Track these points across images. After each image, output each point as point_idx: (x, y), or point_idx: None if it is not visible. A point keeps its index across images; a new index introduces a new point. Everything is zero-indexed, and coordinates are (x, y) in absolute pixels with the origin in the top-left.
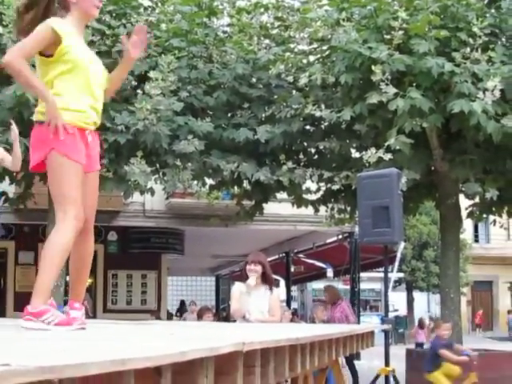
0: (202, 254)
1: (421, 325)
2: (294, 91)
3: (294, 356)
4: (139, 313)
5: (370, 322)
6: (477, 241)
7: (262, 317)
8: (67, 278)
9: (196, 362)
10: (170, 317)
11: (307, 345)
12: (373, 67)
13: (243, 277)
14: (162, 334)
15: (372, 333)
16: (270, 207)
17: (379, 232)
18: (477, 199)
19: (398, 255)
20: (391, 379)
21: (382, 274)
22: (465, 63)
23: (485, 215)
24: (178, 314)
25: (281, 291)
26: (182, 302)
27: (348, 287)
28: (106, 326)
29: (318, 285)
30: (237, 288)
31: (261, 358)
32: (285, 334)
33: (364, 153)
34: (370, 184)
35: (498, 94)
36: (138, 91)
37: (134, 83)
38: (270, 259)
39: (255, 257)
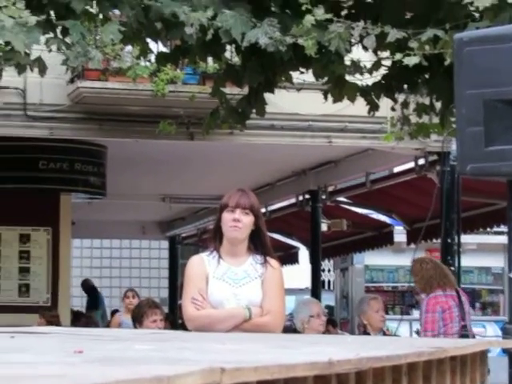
0: (143, 194)
1: None
2: None
3: None
4: (15, 311)
5: (481, 333)
6: None
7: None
8: None
9: None
10: (77, 318)
11: (349, 377)
12: None
13: (213, 240)
14: (58, 351)
15: (483, 355)
16: (277, 101)
17: (499, 153)
18: None
19: None
20: None
21: (504, 239)
22: None
23: None
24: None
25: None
26: (92, 289)
27: None
28: None
29: (378, 258)
30: (197, 263)
31: None
32: (304, 353)
33: None
34: (481, 54)
35: None
36: None
37: None
38: (277, 206)
39: (241, 198)
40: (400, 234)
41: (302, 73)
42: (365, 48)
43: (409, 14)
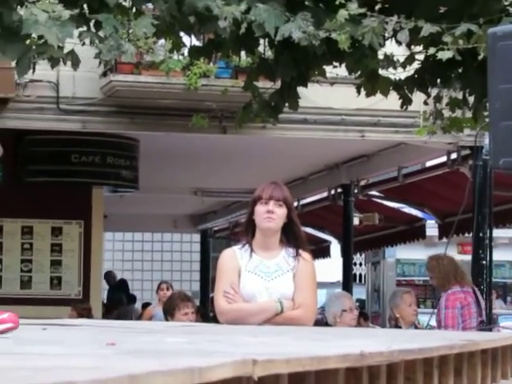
0: (175, 187)
1: None
2: None
3: None
4: (46, 304)
5: None
6: None
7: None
8: None
9: None
10: (109, 311)
11: (381, 369)
12: None
13: (245, 233)
14: (90, 343)
15: None
16: (310, 95)
17: None
18: None
19: None
20: None
21: None
22: None
23: None
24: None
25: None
26: (120, 282)
27: (469, 258)
28: None
29: (410, 252)
30: (229, 257)
31: None
32: (335, 346)
33: None
34: None
35: None
36: None
37: None
38: (309, 200)
39: (274, 190)
40: (432, 228)
41: (335, 67)
42: (398, 42)
43: (442, 8)
